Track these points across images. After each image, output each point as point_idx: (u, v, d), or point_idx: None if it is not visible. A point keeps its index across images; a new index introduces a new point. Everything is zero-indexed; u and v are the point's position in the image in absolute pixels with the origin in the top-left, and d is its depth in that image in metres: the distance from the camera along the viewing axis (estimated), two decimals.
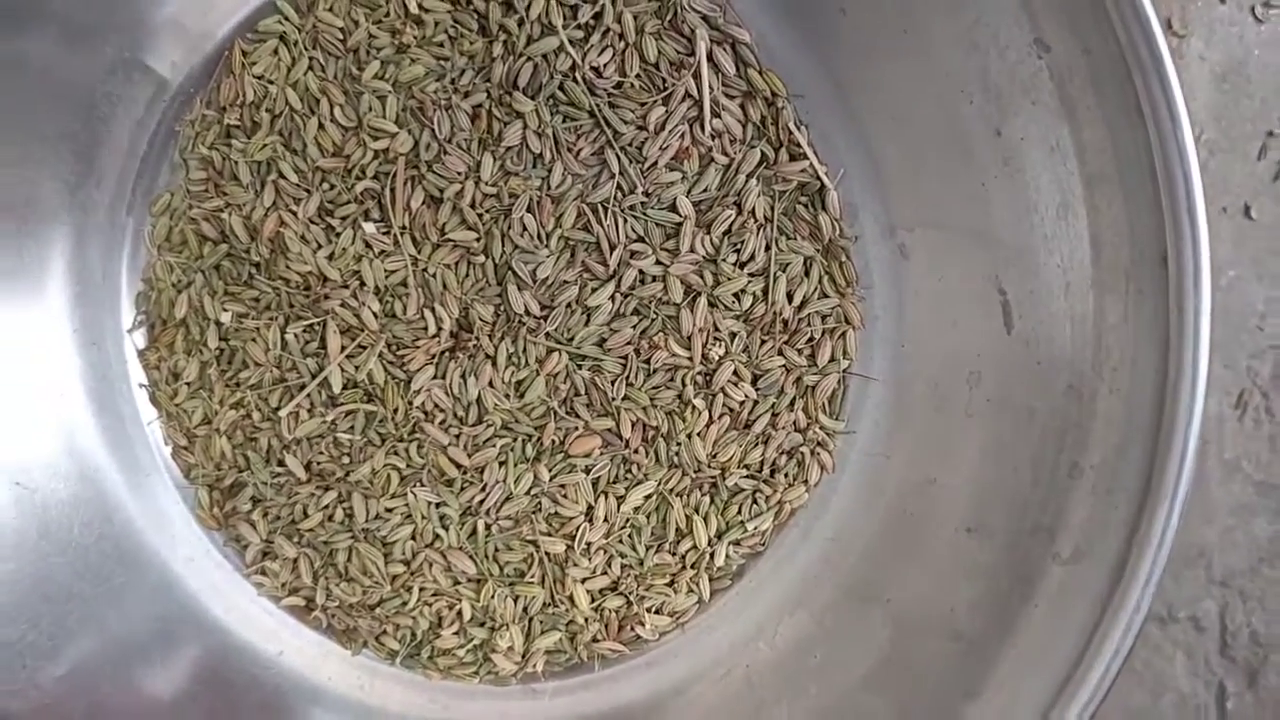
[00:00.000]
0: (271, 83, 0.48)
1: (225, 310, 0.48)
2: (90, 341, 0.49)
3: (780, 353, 0.46)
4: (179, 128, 0.48)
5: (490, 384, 0.47)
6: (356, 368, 0.47)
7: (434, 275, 0.46)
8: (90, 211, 0.48)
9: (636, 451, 0.47)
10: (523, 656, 0.48)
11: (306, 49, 0.47)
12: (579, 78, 0.46)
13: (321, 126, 0.47)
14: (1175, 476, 0.36)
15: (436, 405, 0.47)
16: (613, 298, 0.46)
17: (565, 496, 0.47)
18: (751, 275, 0.46)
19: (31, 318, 0.48)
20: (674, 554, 0.47)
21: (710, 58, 0.45)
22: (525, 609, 0.48)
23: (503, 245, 0.46)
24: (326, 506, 0.48)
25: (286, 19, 0.47)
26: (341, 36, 0.47)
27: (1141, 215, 0.36)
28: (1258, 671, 0.54)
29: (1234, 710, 0.54)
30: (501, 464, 0.47)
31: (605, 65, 0.46)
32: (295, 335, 0.47)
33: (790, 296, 0.46)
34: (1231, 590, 0.54)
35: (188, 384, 0.49)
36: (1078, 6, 0.35)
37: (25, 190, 0.46)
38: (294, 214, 0.47)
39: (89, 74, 0.46)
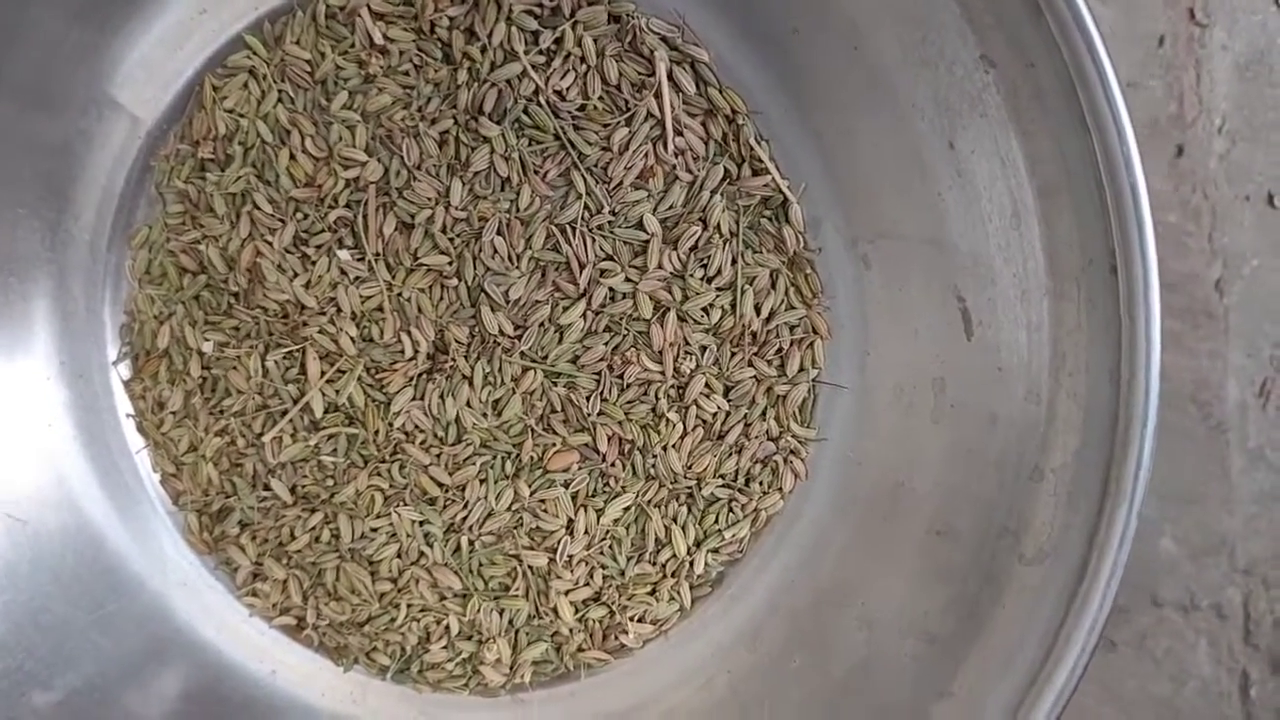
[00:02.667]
0: (243, 116, 0.48)
1: (206, 340, 0.49)
2: (77, 374, 0.50)
3: (750, 364, 0.47)
4: (154, 163, 0.49)
5: (468, 404, 0.48)
6: (337, 392, 0.48)
7: (409, 299, 0.47)
8: (71, 248, 0.49)
9: (614, 465, 0.47)
10: (510, 668, 0.49)
11: (275, 82, 0.48)
12: (543, 101, 0.46)
13: (293, 157, 0.48)
14: (1132, 479, 0.37)
15: (416, 426, 0.48)
16: (584, 315, 0.47)
17: (546, 511, 0.48)
18: (719, 289, 0.47)
19: (17, 353, 0.48)
20: (654, 564, 0.48)
21: (670, 77, 0.46)
22: (511, 622, 0.49)
23: (474, 268, 0.47)
24: (313, 528, 0.49)
25: (255, 53, 0.48)
26: (309, 69, 0.48)
27: (1090, 225, 0.37)
28: None
29: (1257, 697, 0.55)
30: (482, 481, 0.48)
31: (568, 89, 0.47)
32: (276, 362, 0.48)
33: (758, 309, 0.47)
34: (1255, 578, 0.55)
35: (173, 413, 0.50)
36: (1019, 21, 0.36)
37: (5, 230, 0.47)
38: (270, 244, 0.48)
39: (63, 114, 0.47)
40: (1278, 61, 0.53)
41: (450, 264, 0.47)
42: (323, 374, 0.48)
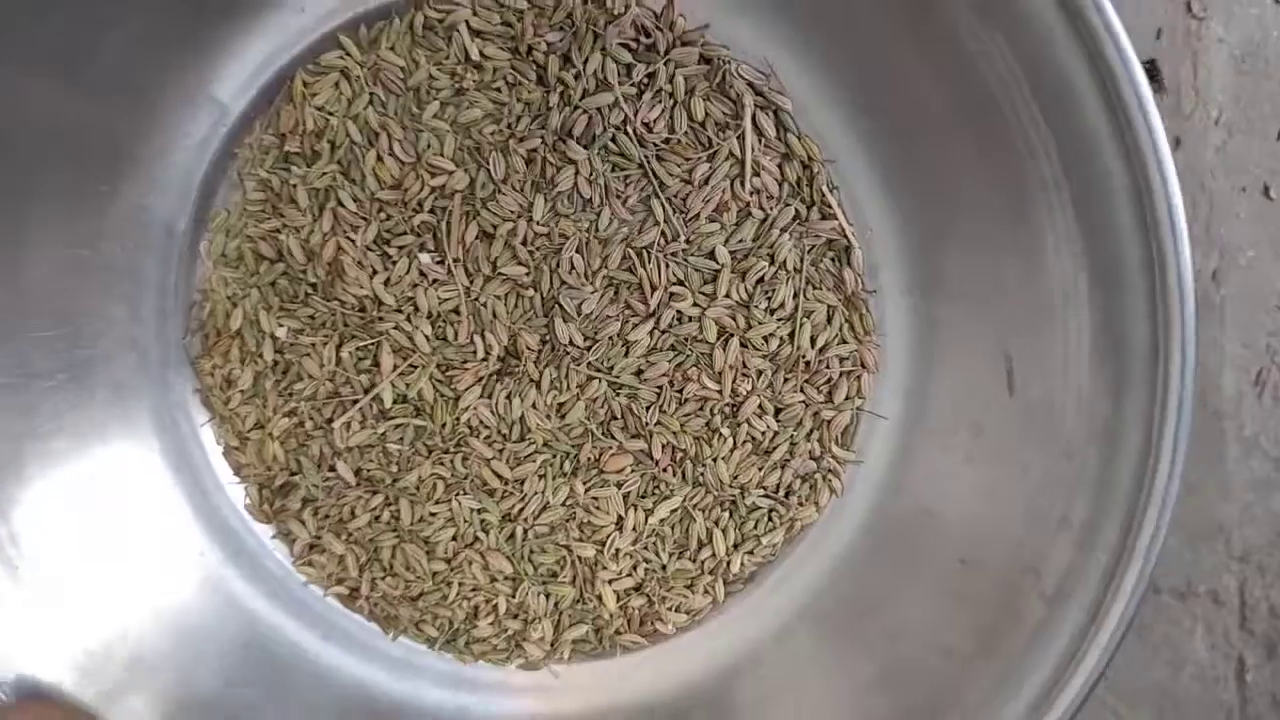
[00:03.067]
0: (332, 114, 0.50)
1: (281, 325, 0.51)
2: (147, 347, 0.51)
3: (801, 390, 0.51)
4: (237, 150, 0.51)
5: (534, 405, 0.51)
6: (408, 385, 0.51)
7: (485, 305, 0.50)
8: (150, 228, 0.51)
9: (665, 471, 0.52)
10: (551, 645, 0.54)
11: (367, 84, 0.50)
12: (630, 131, 0.49)
13: (380, 159, 0.50)
14: (1150, 539, 0.42)
15: (482, 422, 0.51)
16: (651, 334, 0.50)
17: (598, 508, 0.52)
18: (780, 320, 0.51)
19: (85, 328, 0.50)
20: (694, 561, 0.53)
21: (754, 121, 0.49)
22: (556, 605, 0.53)
23: (551, 281, 0.50)
24: (374, 509, 0.52)
25: (348, 54, 0.50)
26: (403, 75, 0.50)
27: (1137, 315, 0.42)
28: (1276, 644, 0.57)
29: (1253, 682, 0.57)
30: (540, 477, 0.52)
31: (655, 121, 0.50)
32: (350, 353, 0.51)
33: (813, 341, 0.51)
34: (1250, 565, 0.56)
35: (241, 391, 0.52)
36: (1101, 138, 0.40)
37: (91, 207, 0.49)
38: (352, 241, 0.50)
39: (153, 99, 0.49)
40: (1274, 54, 0.54)
41: (528, 275, 0.50)
42: (395, 368, 0.51)
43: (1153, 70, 0.55)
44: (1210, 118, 0.56)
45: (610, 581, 0.53)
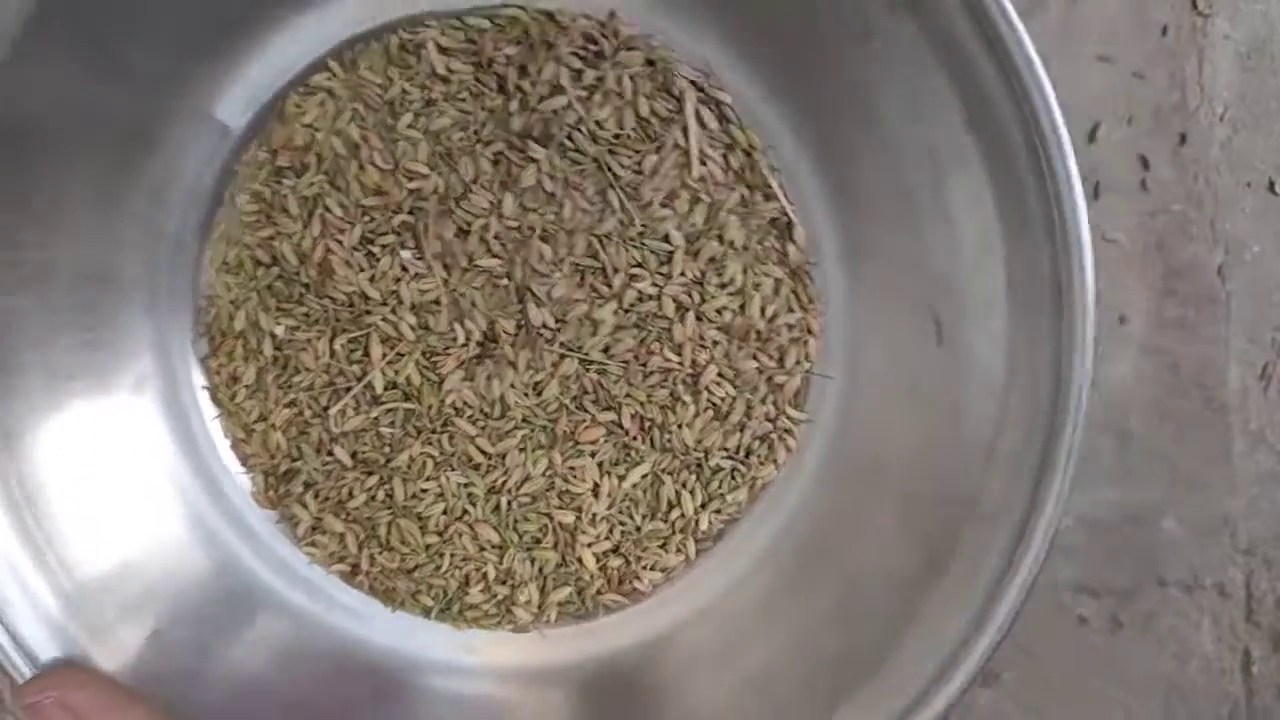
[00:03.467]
0: (318, 130, 0.56)
1: (279, 324, 0.56)
2: (162, 350, 0.56)
3: (754, 357, 0.56)
4: (237, 167, 0.56)
5: (512, 385, 0.56)
6: (396, 372, 0.56)
7: (463, 294, 0.55)
8: (161, 240, 0.56)
9: (635, 439, 0.56)
10: (538, 608, 0.58)
11: (349, 102, 0.55)
12: (584, 130, 0.55)
13: (362, 168, 0.55)
14: (1064, 458, 0.47)
15: (465, 403, 0.56)
16: (615, 313, 0.55)
17: (575, 477, 0.57)
18: (731, 294, 0.56)
19: (104, 338, 0.55)
20: (665, 521, 0.57)
21: (697, 115, 0.55)
22: (541, 569, 0.58)
23: (523, 270, 0.55)
24: (370, 488, 0.57)
25: (334, 75, 0.56)
26: (380, 91, 0.55)
27: (1043, 257, 0.47)
28: None
29: (1259, 674, 0.58)
30: (521, 451, 0.56)
31: (605, 120, 0.55)
32: (342, 345, 0.56)
33: (763, 311, 0.56)
34: (1256, 558, 0.57)
35: (246, 386, 0.57)
36: (997, 99, 0.46)
37: (114, 224, 0.54)
38: (339, 242, 0.55)
39: (169, 126, 0.54)
40: (1278, 51, 0.55)
41: (502, 265, 0.55)
42: (384, 356, 0.56)
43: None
44: (1215, 114, 0.57)
45: (589, 545, 0.57)
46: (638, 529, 0.57)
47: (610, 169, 0.55)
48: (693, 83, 0.55)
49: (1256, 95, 0.57)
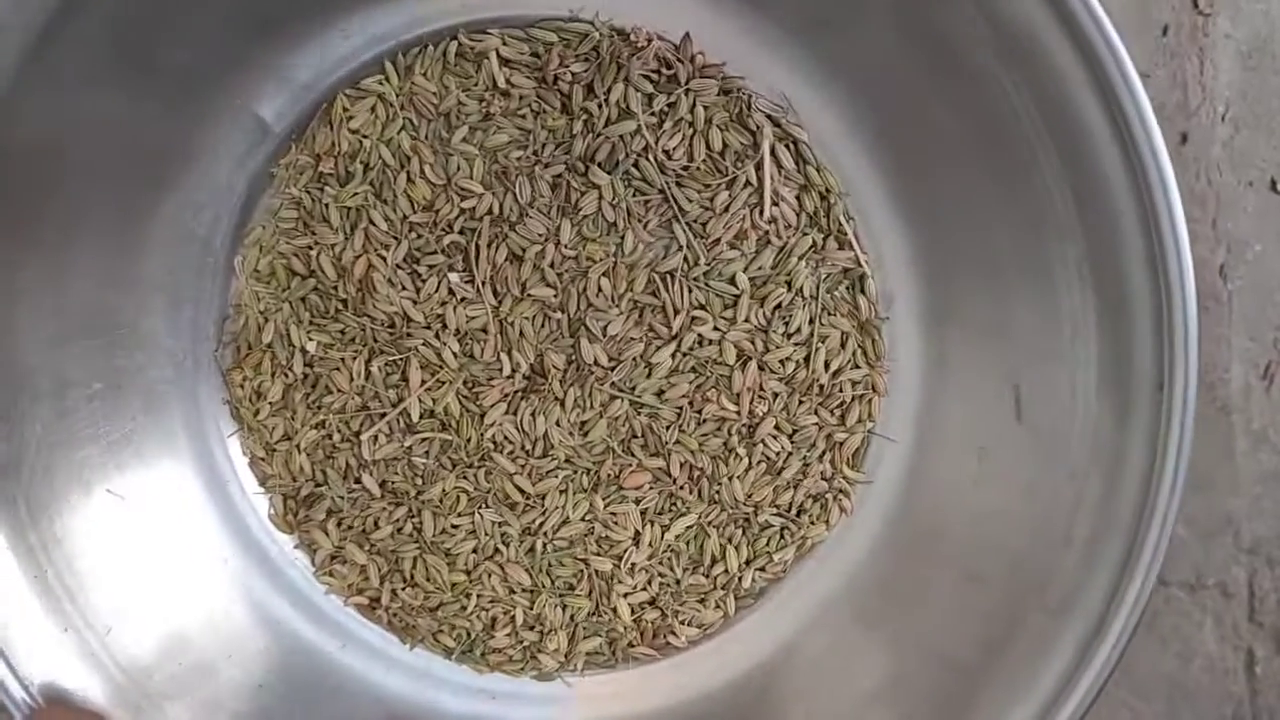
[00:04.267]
0: (366, 137, 0.52)
1: (311, 340, 0.53)
2: (181, 360, 0.53)
3: (815, 412, 0.53)
4: (274, 170, 0.53)
5: (557, 423, 0.53)
6: (434, 400, 0.53)
7: (513, 324, 0.52)
8: (188, 242, 0.52)
9: (682, 488, 0.53)
10: (566, 657, 0.55)
11: (401, 109, 0.52)
12: (651, 158, 0.51)
13: (411, 181, 0.52)
14: (1150, 557, 0.44)
15: (506, 438, 0.53)
16: (673, 356, 0.52)
17: (616, 523, 0.54)
18: (796, 345, 0.53)
19: (121, 339, 0.51)
20: (707, 576, 0.55)
21: (773, 152, 0.52)
22: (572, 617, 0.55)
23: (578, 303, 0.52)
24: (397, 520, 0.54)
25: (387, 79, 0.52)
26: (435, 100, 0.52)
27: (1144, 347, 0.44)
28: None
29: (1262, 674, 0.58)
30: (561, 492, 0.53)
31: (675, 149, 0.52)
32: (379, 368, 0.53)
33: (827, 365, 0.53)
34: (1259, 557, 0.57)
35: (270, 403, 0.53)
36: (1115, 179, 0.43)
37: (133, 221, 0.50)
38: (383, 259, 0.52)
39: (201, 118, 0.50)
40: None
41: (556, 297, 0.52)
42: (423, 383, 0.52)
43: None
44: (1217, 113, 0.57)
45: (625, 595, 0.54)
46: (677, 582, 0.55)
47: (677, 202, 0.52)
48: (769, 117, 0.52)
49: (1258, 94, 0.56)
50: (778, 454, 0.53)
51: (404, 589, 0.54)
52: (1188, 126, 0.57)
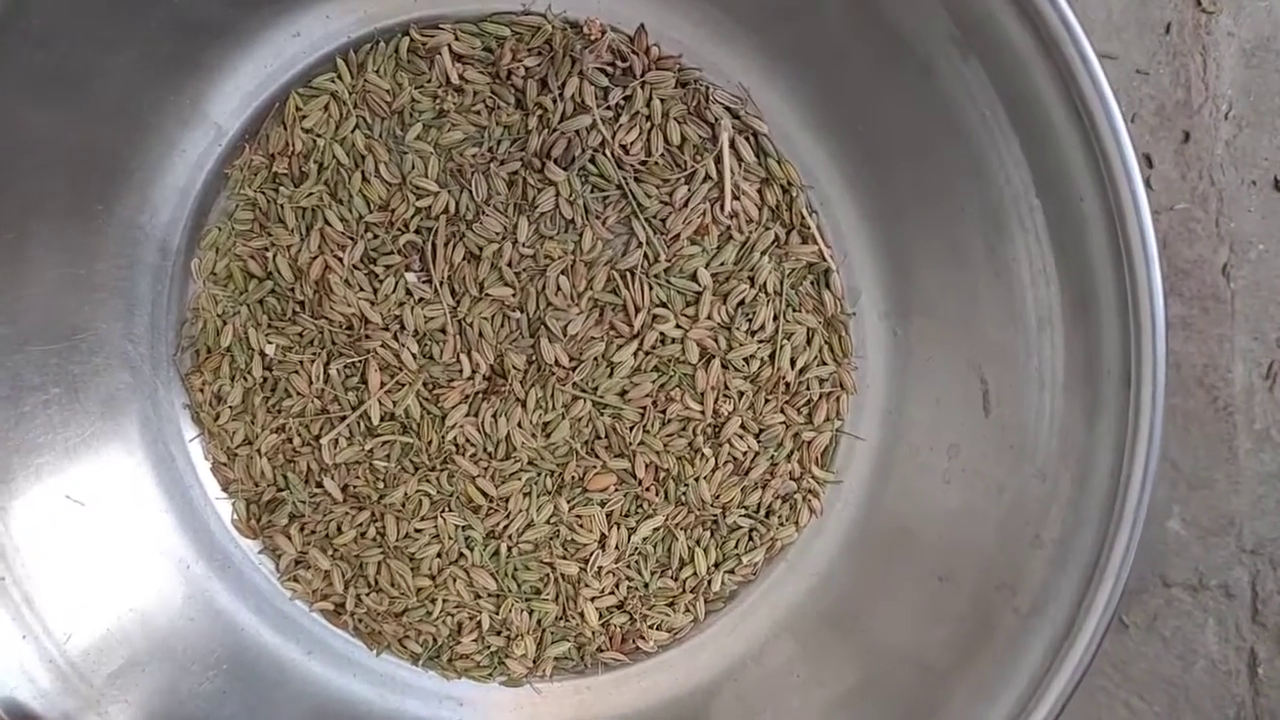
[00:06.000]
0: (320, 136, 0.51)
1: (270, 343, 0.52)
2: (138, 364, 0.52)
3: (781, 411, 0.52)
4: (229, 171, 0.52)
5: (519, 424, 0.52)
6: (395, 403, 0.52)
7: (471, 324, 0.51)
8: (143, 245, 0.51)
9: (648, 490, 0.52)
10: (534, 662, 0.54)
11: (355, 108, 0.51)
12: (608, 153, 0.50)
13: (366, 180, 0.51)
14: (1121, 556, 0.43)
15: (468, 440, 0.52)
16: (635, 355, 0.51)
17: (581, 526, 0.53)
18: (760, 342, 0.51)
19: (81, 343, 0.51)
20: (675, 579, 0.53)
21: (732, 145, 0.50)
22: (539, 621, 0.54)
23: (538, 302, 0.51)
24: (360, 524, 0.53)
25: (340, 77, 0.51)
26: (388, 98, 0.51)
27: (1111, 341, 0.42)
28: None
29: (1265, 676, 0.57)
30: (525, 495, 0.52)
31: (632, 143, 0.50)
32: (337, 370, 0.52)
33: (793, 362, 0.52)
34: (1262, 558, 0.57)
35: (230, 407, 0.53)
36: (1074, 162, 0.41)
37: (79, 224, 0.49)
38: (339, 260, 0.51)
39: (152, 120, 0.49)
40: None
41: (514, 296, 0.51)
42: (382, 385, 0.51)
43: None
44: (1220, 112, 0.56)
45: (593, 599, 0.53)
46: (645, 585, 0.53)
47: (635, 198, 0.50)
48: (728, 109, 0.51)
49: (1261, 92, 0.55)
50: (744, 454, 0.52)
51: (368, 594, 0.53)
52: (1190, 125, 0.56)
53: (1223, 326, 0.56)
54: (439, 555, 0.53)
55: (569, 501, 0.52)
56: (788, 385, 0.52)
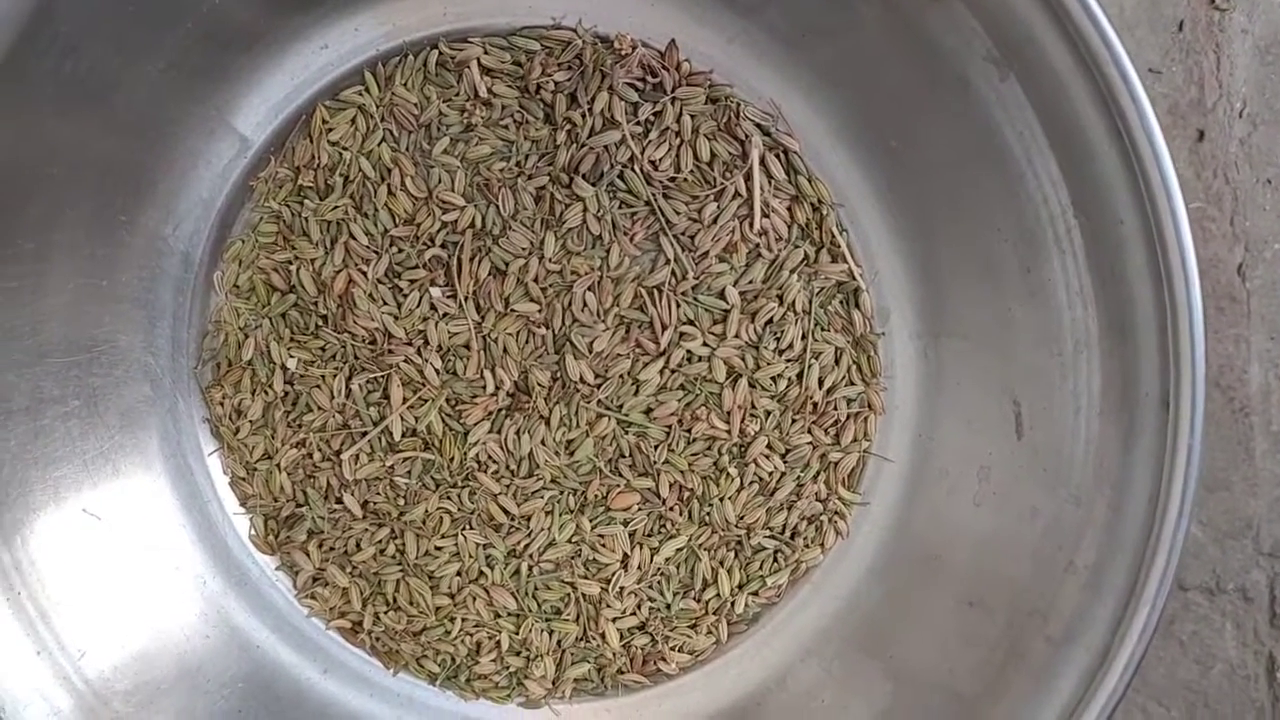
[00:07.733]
0: (346, 149, 0.51)
1: (291, 357, 0.51)
2: (158, 378, 0.52)
3: (809, 431, 0.51)
4: (253, 183, 0.51)
5: (543, 442, 0.51)
6: (417, 419, 0.51)
7: (495, 340, 0.50)
8: (165, 256, 0.51)
9: (672, 509, 0.52)
10: (553, 683, 0.53)
11: (381, 121, 0.50)
12: (637, 169, 0.50)
13: (392, 194, 0.50)
14: (1157, 585, 0.42)
15: (490, 457, 0.51)
16: (661, 373, 0.51)
17: (604, 545, 0.52)
18: (788, 361, 0.51)
19: (101, 358, 0.50)
20: (698, 601, 0.53)
21: (762, 162, 0.50)
22: (559, 642, 0.53)
23: (563, 319, 0.50)
24: (379, 541, 0.52)
25: (367, 90, 0.50)
26: (415, 111, 0.50)
27: (1150, 364, 0.42)
28: None
29: None
30: (547, 513, 0.52)
31: (661, 159, 0.50)
32: (360, 385, 0.51)
33: (821, 382, 0.51)
34: (1279, 561, 0.56)
35: (251, 421, 0.52)
36: (1115, 185, 0.40)
37: (104, 235, 0.49)
38: (363, 273, 0.51)
39: (177, 131, 0.49)
40: None
41: (540, 312, 0.50)
42: (405, 400, 0.51)
43: None
44: (1234, 110, 0.56)
45: (614, 620, 0.53)
46: (667, 606, 0.53)
47: (664, 214, 0.50)
48: (759, 125, 0.50)
49: (1276, 90, 0.55)
50: (770, 474, 0.52)
51: (387, 613, 0.53)
52: (1204, 124, 0.56)
53: (1239, 326, 0.56)
54: (459, 573, 0.52)
55: (591, 520, 0.52)
56: (815, 405, 0.51)
